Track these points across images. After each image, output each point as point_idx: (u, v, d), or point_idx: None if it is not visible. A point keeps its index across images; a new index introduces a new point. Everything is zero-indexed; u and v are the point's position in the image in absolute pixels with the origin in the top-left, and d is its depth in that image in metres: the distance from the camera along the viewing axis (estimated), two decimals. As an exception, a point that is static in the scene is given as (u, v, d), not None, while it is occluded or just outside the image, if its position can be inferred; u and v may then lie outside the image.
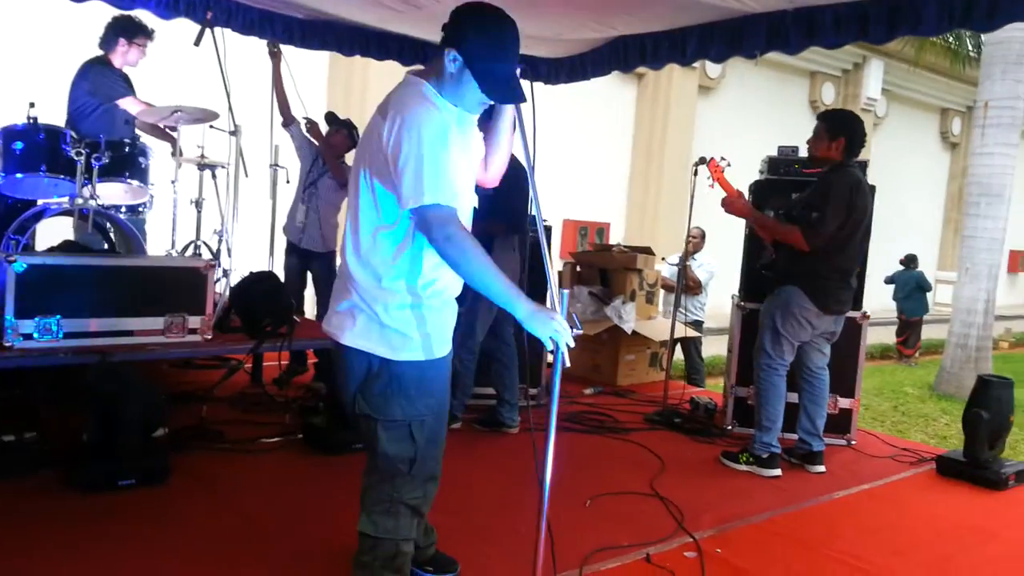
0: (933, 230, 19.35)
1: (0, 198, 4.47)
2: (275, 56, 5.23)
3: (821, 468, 4.22)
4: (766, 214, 4.72)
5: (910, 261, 12.83)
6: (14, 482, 3.27)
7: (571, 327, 2.11)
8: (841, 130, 4.10)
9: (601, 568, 2.92)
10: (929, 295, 12.84)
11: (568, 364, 2.14)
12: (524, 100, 2.24)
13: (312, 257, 5.28)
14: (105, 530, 2.94)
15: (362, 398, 2.28)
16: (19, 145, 4.26)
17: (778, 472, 4.10)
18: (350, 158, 5.12)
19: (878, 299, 15.65)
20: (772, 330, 4.15)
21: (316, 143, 5.24)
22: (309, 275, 5.39)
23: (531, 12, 4.73)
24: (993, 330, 10.51)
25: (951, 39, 11.99)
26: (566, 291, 2.23)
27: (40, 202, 4.53)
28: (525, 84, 2.28)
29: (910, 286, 12.55)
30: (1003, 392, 4.30)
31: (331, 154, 5.15)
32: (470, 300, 4.43)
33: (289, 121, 5.26)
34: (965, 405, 4.44)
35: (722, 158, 4.43)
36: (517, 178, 4.32)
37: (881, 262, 15.34)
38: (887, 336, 13.36)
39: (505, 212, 4.20)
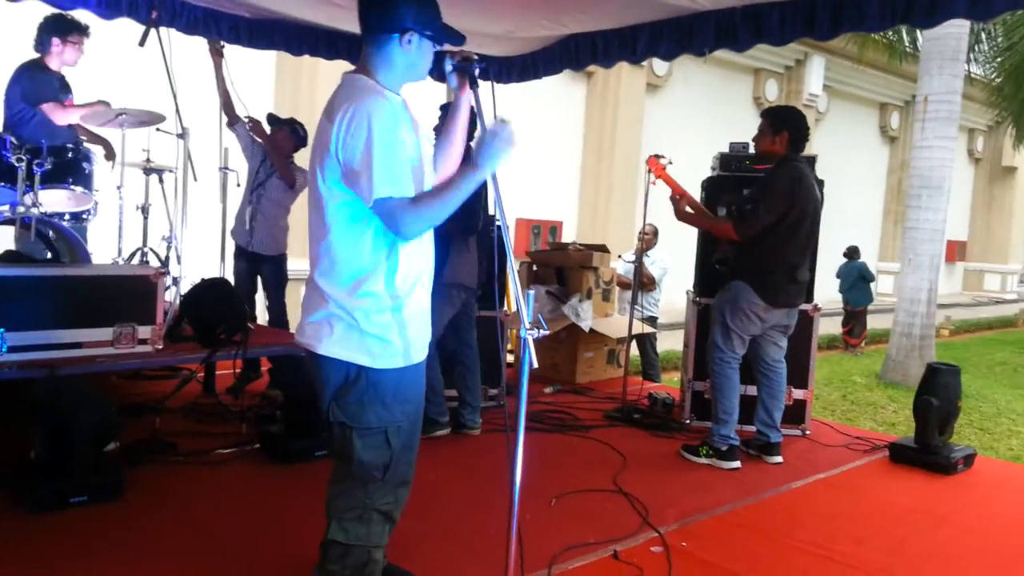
0: (874, 222, 19.85)
1: None
2: (217, 54, 5.12)
3: (778, 459, 4.29)
4: (719, 210, 4.80)
5: (852, 253, 13.15)
6: (-42, 503, 3.14)
7: (538, 328, 2.10)
8: (783, 125, 4.19)
9: (570, 567, 2.92)
10: (873, 285, 13.18)
11: (536, 365, 2.13)
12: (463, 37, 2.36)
13: (262, 260, 5.18)
14: (57, 550, 2.84)
15: (337, 406, 2.24)
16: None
17: (737, 464, 4.16)
18: (299, 157, 5.05)
19: (824, 291, 16.04)
20: (722, 325, 4.22)
21: (262, 143, 5.15)
22: (259, 279, 5.29)
23: (483, 10, 4.72)
24: (935, 319, 10.83)
25: (891, 35, 12.30)
26: (531, 291, 2.21)
27: (-20, 210, 4.37)
28: (485, 84, 2.27)
29: (852, 277, 12.87)
30: (951, 379, 4.43)
31: (278, 154, 5.06)
32: None
33: (234, 121, 5.16)
34: (915, 393, 4.55)
35: (660, 156, 4.52)
36: None
37: (825, 255, 15.73)
38: (834, 327, 13.68)
39: (458, 212, 4.15)
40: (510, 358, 6.52)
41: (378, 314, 2.19)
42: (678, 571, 2.93)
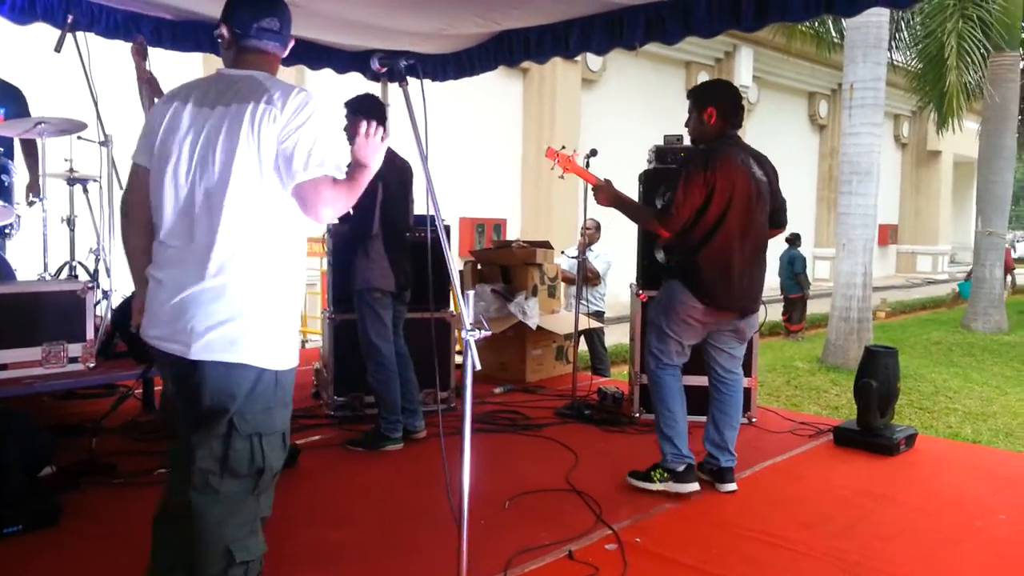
0: (808, 209, 20.35)
1: None
2: (139, 55, 4.92)
3: (732, 486, 3.72)
4: (657, 203, 4.77)
5: (793, 240, 13.43)
6: None
7: (479, 329, 2.06)
8: (707, 99, 3.69)
9: (525, 570, 2.89)
10: (810, 272, 13.46)
11: (479, 367, 2.09)
12: None
13: None
14: None
15: (242, 417, 2.09)
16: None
17: (695, 486, 3.60)
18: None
19: (768, 278, 16.40)
20: (658, 329, 3.72)
21: None
22: None
23: (413, 8, 4.67)
24: (871, 302, 11.13)
25: (817, 26, 12.59)
26: (471, 292, 2.18)
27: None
28: (415, 82, 2.22)
29: (783, 263, 13.16)
30: (889, 361, 4.53)
31: None
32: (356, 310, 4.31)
33: None
34: (855, 376, 4.64)
35: (563, 147, 4.18)
36: (398, 180, 4.24)
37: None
38: (775, 314, 13.98)
39: (355, 219, 4.05)
40: (459, 359, 6.48)
41: (287, 312, 2.17)
42: (633, 567, 2.93)
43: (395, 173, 4.21)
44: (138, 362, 4.12)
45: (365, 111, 4.09)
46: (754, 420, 4.92)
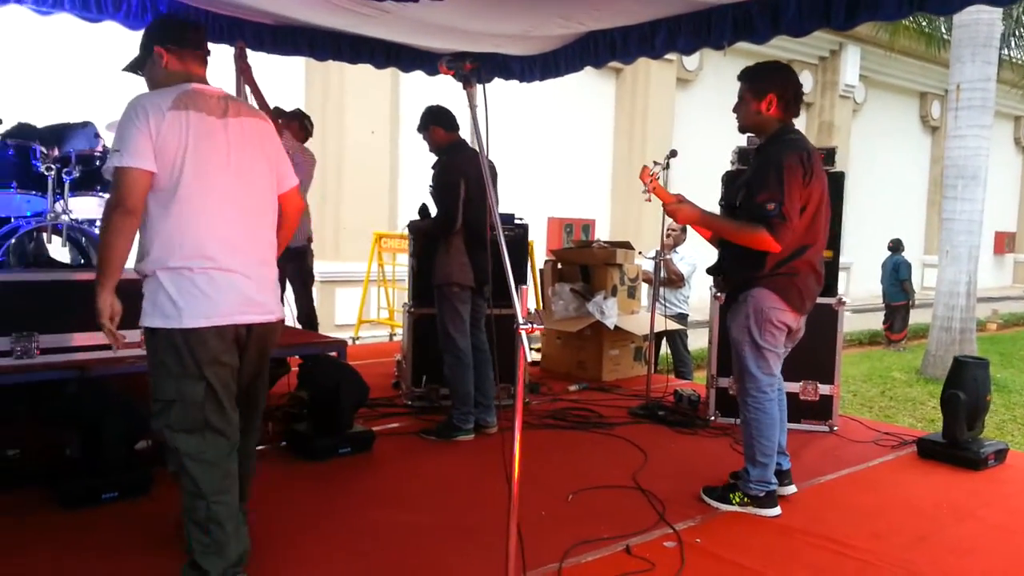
0: (918, 214, 19.44)
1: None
2: (242, 60, 5.20)
3: (793, 488, 3.67)
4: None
5: (895, 247, 12.91)
6: (-4, 499, 3.27)
7: (532, 323, 2.13)
8: (768, 83, 3.37)
9: (581, 561, 2.93)
10: (916, 279, 12.92)
11: (531, 358, 2.15)
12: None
13: (282, 258, 5.29)
14: (89, 543, 2.95)
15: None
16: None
17: (778, 511, 3.45)
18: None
19: (865, 286, 15.78)
20: (752, 345, 3.40)
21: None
22: (286, 279, 5.39)
23: (498, 11, 4.77)
24: (978, 312, 10.59)
25: (924, 22, 12.03)
26: (524, 286, 2.25)
27: (13, 219, 4.53)
28: (478, 87, 2.31)
29: (887, 271, 12.65)
30: (979, 372, 4.34)
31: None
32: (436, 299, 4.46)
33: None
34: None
35: (655, 163, 3.94)
36: (480, 178, 4.36)
37: (868, 248, 15.50)
38: (876, 322, 13.46)
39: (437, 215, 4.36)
40: (537, 356, 6.56)
41: None
42: (690, 566, 2.93)
43: (472, 168, 4.30)
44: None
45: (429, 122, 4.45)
46: (835, 429, 4.79)
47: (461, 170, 4.28)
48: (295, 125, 5.50)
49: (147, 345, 2.48)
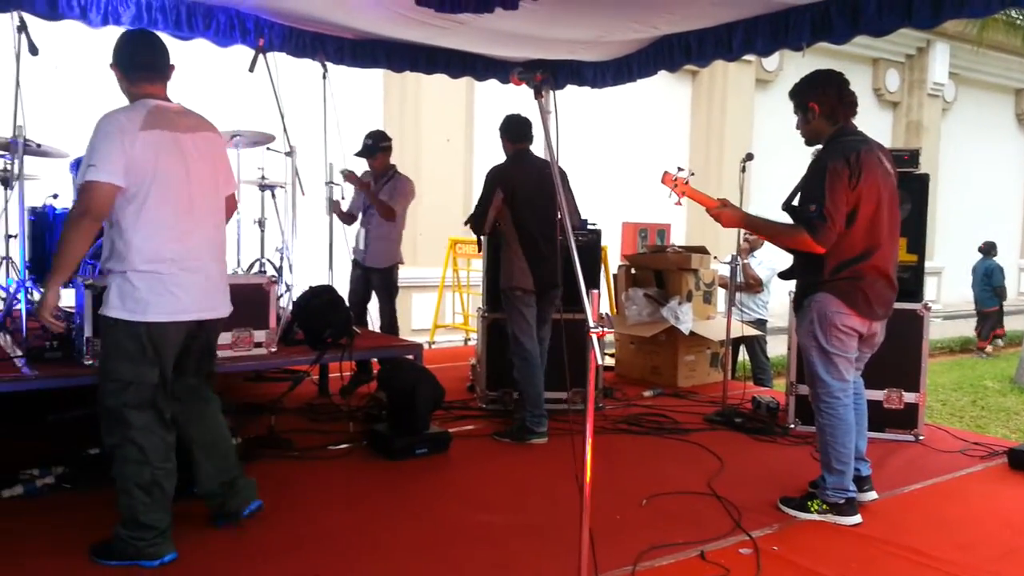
0: (1013, 216, 18.55)
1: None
2: (361, 184, 5.51)
3: (873, 495, 3.60)
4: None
5: (988, 250, 12.36)
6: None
7: (601, 326, 2.15)
8: (808, 95, 3.46)
9: (655, 565, 2.94)
10: (1011, 284, 12.35)
11: (600, 361, 2.18)
12: None
13: (372, 272, 5.49)
14: (182, 535, 3.10)
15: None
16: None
17: (859, 519, 3.38)
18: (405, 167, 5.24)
19: (958, 291, 15.13)
20: (820, 351, 3.38)
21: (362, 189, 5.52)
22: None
23: (570, 17, 4.81)
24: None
25: (1017, 16, 11.48)
26: (596, 291, 2.28)
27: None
28: (550, 94, 2.36)
29: (979, 275, 12.13)
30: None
31: (373, 199, 5.46)
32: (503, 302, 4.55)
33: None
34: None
35: (679, 168, 3.87)
36: (534, 183, 4.46)
37: (960, 252, 14.87)
38: (968, 329, 12.92)
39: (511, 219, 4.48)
40: (610, 361, 6.56)
41: None
42: (767, 573, 2.90)
43: (527, 177, 4.47)
44: (313, 349, 4.53)
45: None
46: (921, 438, 4.64)
47: (505, 178, 4.48)
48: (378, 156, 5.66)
49: (106, 333, 2.83)
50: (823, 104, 3.42)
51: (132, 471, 2.81)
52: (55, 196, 4.67)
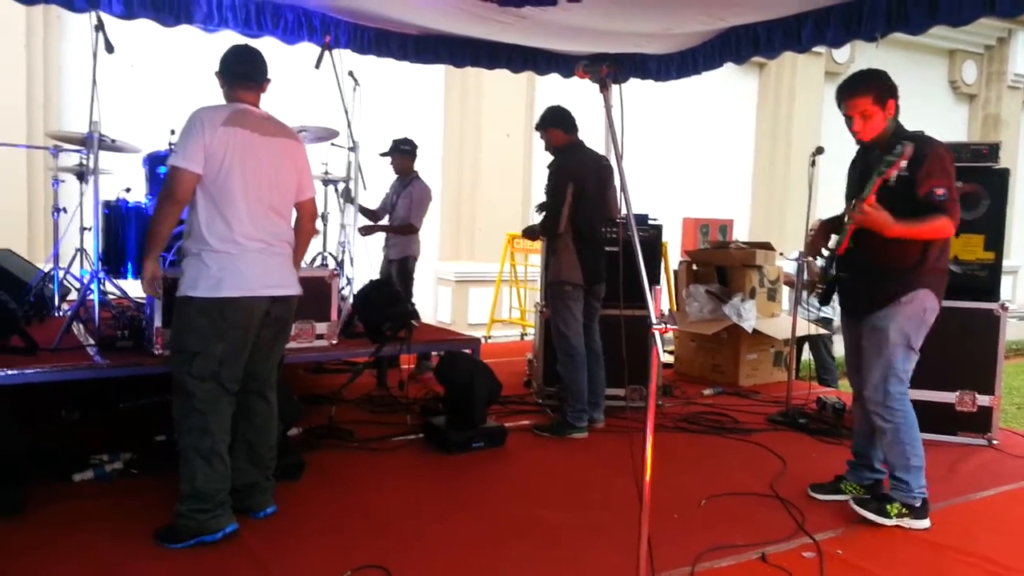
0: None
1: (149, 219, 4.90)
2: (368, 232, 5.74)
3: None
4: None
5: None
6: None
7: (664, 323, 2.12)
8: (886, 91, 3.32)
9: (715, 566, 2.89)
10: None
11: (663, 358, 2.15)
12: None
13: (391, 263, 5.79)
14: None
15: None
16: (163, 169, 4.65)
17: (929, 523, 3.31)
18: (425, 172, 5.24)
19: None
20: (906, 348, 3.31)
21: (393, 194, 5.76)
22: None
23: (637, 10, 4.75)
24: None
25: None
26: (657, 287, 2.24)
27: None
28: (615, 88, 2.33)
29: None
30: None
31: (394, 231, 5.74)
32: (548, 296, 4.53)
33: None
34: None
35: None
36: (595, 179, 4.41)
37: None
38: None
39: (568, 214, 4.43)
40: (669, 359, 6.47)
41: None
42: (830, 578, 2.83)
43: (590, 172, 4.44)
44: (372, 342, 4.58)
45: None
46: (995, 442, 4.47)
47: (571, 172, 4.43)
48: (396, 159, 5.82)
49: (179, 311, 2.99)
50: (897, 97, 3.34)
51: (194, 439, 2.95)
52: (128, 190, 4.83)
